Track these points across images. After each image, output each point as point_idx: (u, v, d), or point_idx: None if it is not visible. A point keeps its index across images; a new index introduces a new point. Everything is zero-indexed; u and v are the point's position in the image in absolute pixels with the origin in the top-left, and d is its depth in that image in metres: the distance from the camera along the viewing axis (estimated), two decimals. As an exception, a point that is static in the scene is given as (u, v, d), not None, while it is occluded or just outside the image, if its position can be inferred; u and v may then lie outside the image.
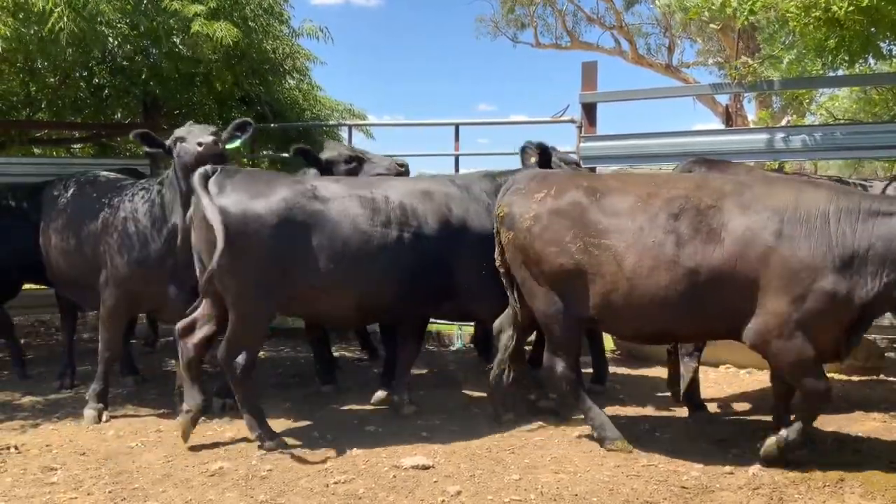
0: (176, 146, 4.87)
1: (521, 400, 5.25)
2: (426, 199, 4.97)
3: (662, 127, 16.80)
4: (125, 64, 7.80)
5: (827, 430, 4.77)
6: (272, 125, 8.94)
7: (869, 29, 5.69)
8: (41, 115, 8.93)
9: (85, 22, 5.96)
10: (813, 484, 3.90)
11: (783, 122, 13.88)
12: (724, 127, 13.42)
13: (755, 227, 3.98)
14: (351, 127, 9.41)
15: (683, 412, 5.17)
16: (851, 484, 3.89)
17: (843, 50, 5.83)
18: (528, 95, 62.35)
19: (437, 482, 3.99)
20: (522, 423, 4.99)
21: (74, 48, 6.44)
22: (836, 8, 5.35)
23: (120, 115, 9.51)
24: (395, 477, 4.07)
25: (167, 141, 4.98)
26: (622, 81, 42.93)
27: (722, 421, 5.09)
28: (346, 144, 6.29)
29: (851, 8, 5.29)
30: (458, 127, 8.25)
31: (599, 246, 4.25)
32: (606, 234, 4.24)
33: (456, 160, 8.30)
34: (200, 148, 4.71)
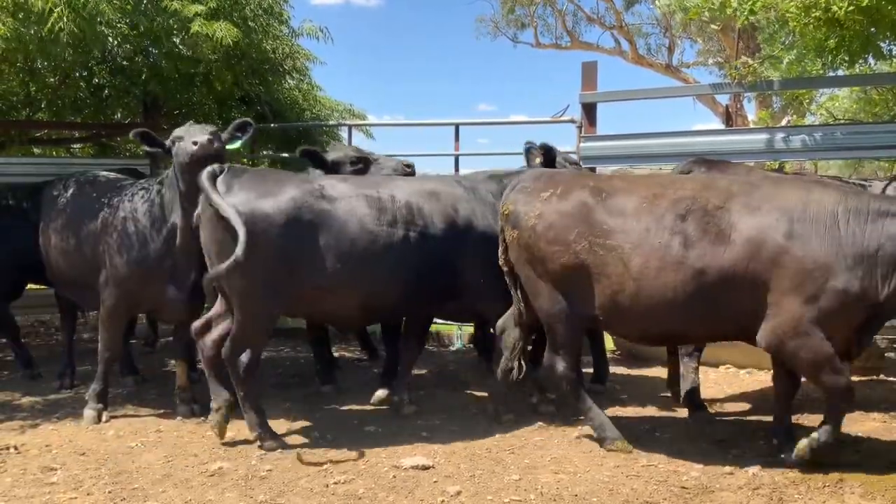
0: (174, 146, 4.87)
1: (521, 400, 5.25)
2: (432, 199, 4.96)
3: (662, 127, 16.82)
4: (125, 64, 7.80)
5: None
6: (272, 125, 8.95)
7: (869, 29, 5.69)
8: (41, 115, 8.93)
9: (85, 22, 5.96)
10: (813, 484, 3.90)
11: (783, 122, 13.88)
12: (724, 127, 13.44)
13: (765, 227, 3.96)
14: (351, 127, 9.41)
15: (683, 412, 5.17)
16: (851, 484, 3.89)
17: (843, 50, 5.83)
18: (528, 95, 62.44)
19: (436, 482, 3.99)
20: (522, 423, 4.98)
21: (74, 48, 6.43)
22: (836, 8, 5.35)
23: (120, 115, 9.50)
24: (394, 477, 4.07)
25: (167, 141, 4.98)
26: (622, 81, 42.99)
27: (722, 421, 5.08)
28: (352, 146, 6.28)
29: (851, 8, 5.29)
30: (458, 127, 8.26)
31: (605, 246, 4.24)
32: (612, 234, 4.23)
33: (456, 160, 8.31)
34: (195, 147, 4.71)
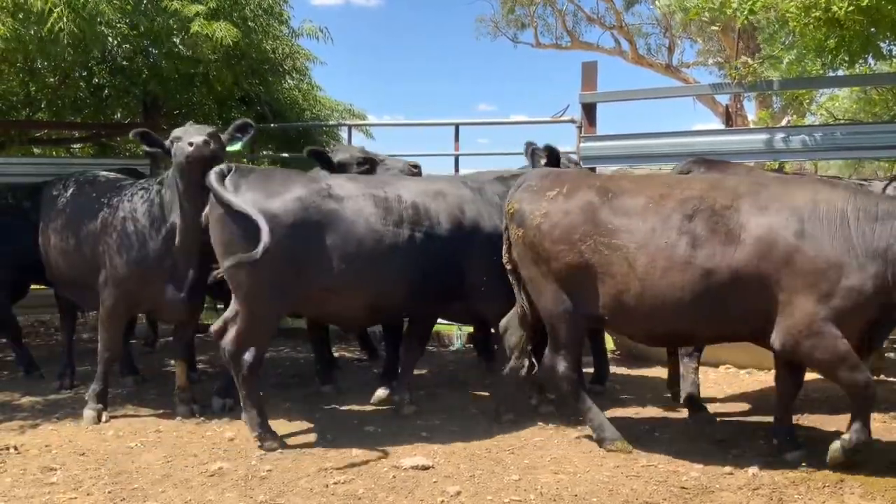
0: (173, 146, 4.87)
1: (521, 400, 5.25)
2: (439, 199, 4.96)
3: (662, 127, 16.82)
4: (125, 64, 7.80)
5: (827, 430, 4.77)
6: (272, 125, 8.95)
7: (869, 29, 5.69)
8: (41, 115, 8.93)
9: (84, 22, 5.96)
10: (813, 484, 3.90)
11: (783, 122, 13.88)
12: (724, 127, 13.43)
13: (776, 226, 3.94)
14: (351, 127, 9.42)
15: (683, 412, 5.17)
16: (851, 484, 3.89)
17: (843, 50, 5.83)
18: (528, 95, 62.36)
19: (436, 482, 3.99)
20: (522, 423, 4.98)
21: (74, 48, 6.43)
22: (836, 8, 5.35)
23: (120, 115, 9.51)
24: (394, 477, 4.07)
25: (166, 141, 4.98)
26: (622, 81, 42.96)
27: (722, 421, 5.08)
28: (358, 147, 6.29)
29: (851, 8, 5.29)
30: (457, 127, 8.27)
31: (610, 245, 4.22)
32: (618, 233, 4.21)
33: (456, 160, 8.32)
34: (191, 148, 4.69)
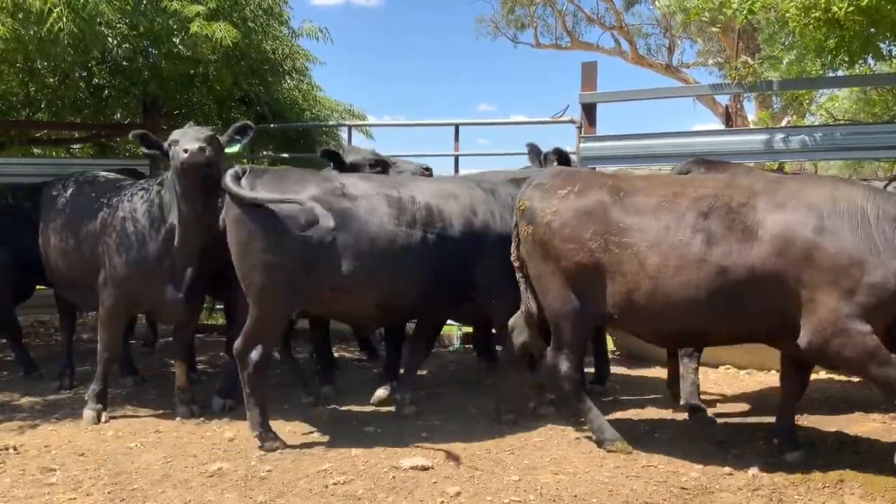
0: (171, 149, 4.85)
1: (522, 400, 5.25)
2: (452, 200, 4.95)
3: (662, 127, 16.83)
4: (125, 64, 7.78)
5: (827, 430, 4.78)
6: (272, 125, 8.95)
7: (869, 29, 5.69)
8: (41, 115, 8.93)
9: (84, 22, 5.96)
10: (812, 485, 3.90)
11: (783, 122, 13.89)
12: (724, 127, 13.43)
13: (794, 223, 3.89)
14: (350, 127, 9.41)
15: (683, 413, 5.16)
16: (851, 485, 3.89)
17: (842, 50, 5.84)
18: (528, 96, 62.41)
19: (436, 483, 3.98)
20: (522, 423, 4.98)
21: (74, 48, 6.43)
22: (835, 8, 5.35)
23: (119, 115, 9.50)
24: (394, 478, 4.06)
25: (165, 142, 4.97)
26: (622, 82, 42.97)
27: (722, 422, 5.08)
28: (369, 149, 6.29)
29: (851, 8, 5.29)
30: (457, 127, 8.27)
31: (621, 244, 4.18)
32: (629, 232, 4.17)
33: (456, 160, 8.32)
34: (185, 155, 4.66)
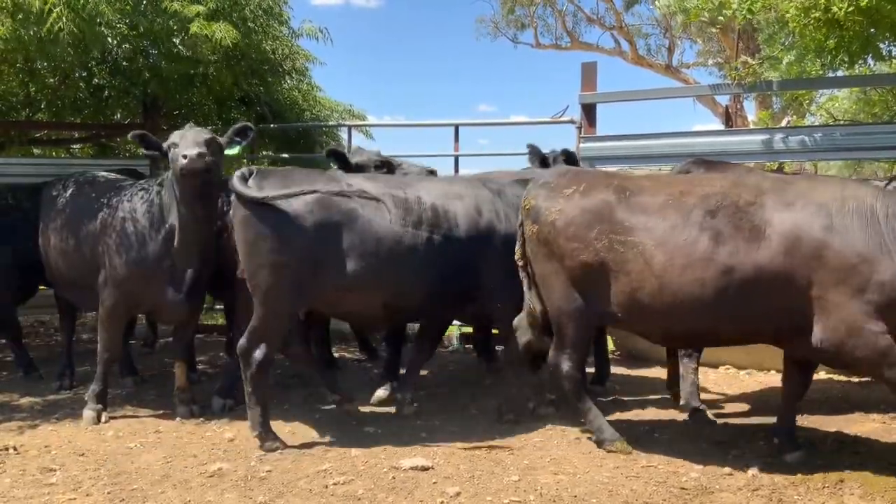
0: (170, 151, 4.84)
1: (521, 400, 5.24)
2: (458, 201, 4.94)
3: (662, 128, 16.78)
4: (125, 64, 7.80)
5: (827, 430, 4.77)
6: (272, 126, 8.95)
7: (868, 30, 5.70)
8: (41, 115, 8.93)
9: (84, 22, 5.96)
10: (812, 485, 3.90)
11: (783, 122, 13.88)
12: (723, 128, 13.44)
13: (803, 222, 3.86)
14: (350, 127, 9.40)
15: (683, 413, 5.16)
16: (851, 485, 3.88)
17: (842, 51, 5.84)
18: (528, 96, 62.30)
19: (436, 483, 3.98)
20: (522, 423, 4.98)
21: (74, 48, 6.43)
22: (835, 9, 5.36)
23: (119, 115, 9.51)
24: (394, 478, 4.06)
25: (165, 143, 4.95)
26: (622, 82, 42.91)
27: (721, 422, 5.07)
28: (375, 150, 6.30)
29: (851, 9, 5.30)
30: (457, 127, 8.27)
31: (626, 243, 4.16)
32: (634, 231, 4.15)
33: (455, 161, 8.32)
34: (184, 161, 4.65)
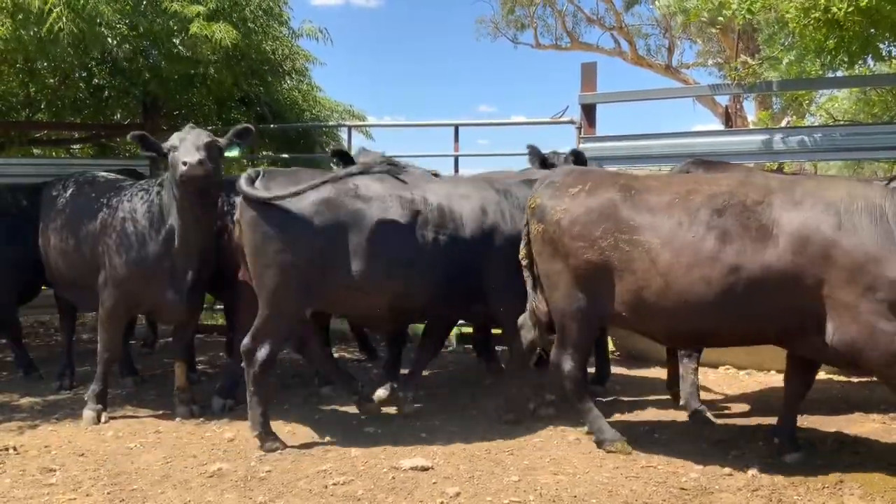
0: (170, 155, 4.84)
1: (521, 400, 5.24)
2: (464, 202, 4.94)
3: (662, 128, 16.76)
4: (125, 65, 7.79)
5: (827, 431, 4.78)
6: (272, 126, 8.95)
7: (868, 30, 5.70)
8: (41, 115, 8.93)
9: (84, 23, 5.96)
10: (812, 485, 3.90)
11: (783, 123, 13.87)
12: (723, 128, 13.44)
13: (812, 221, 3.83)
14: (350, 128, 9.40)
15: (683, 413, 5.16)
16: (850, 485, 3.89)
17: (842, 51, 5.84)
18: (528, 96, 62.23)
19: (436, 483, 3.99)
20: (522, 424, 4.98)
21: (74, 49, 6.43)
22: (835, 9, 5.36)
23: (119, 115, 9.50)
24: (394, 478, 4.07)
25: (165, 144, 4.93)
26: (622, 82, 42.89)
27: (721, 422, 5.08)
28: (379, 152, 6.31)
29: (851, 9, 5.29)
30: (457, 128, 8.26)
31: (631, 242, 4.15)
32: (640, 229, 4.14)
33: (455, 161, 8.32)
34: (184, 168, 4.64)
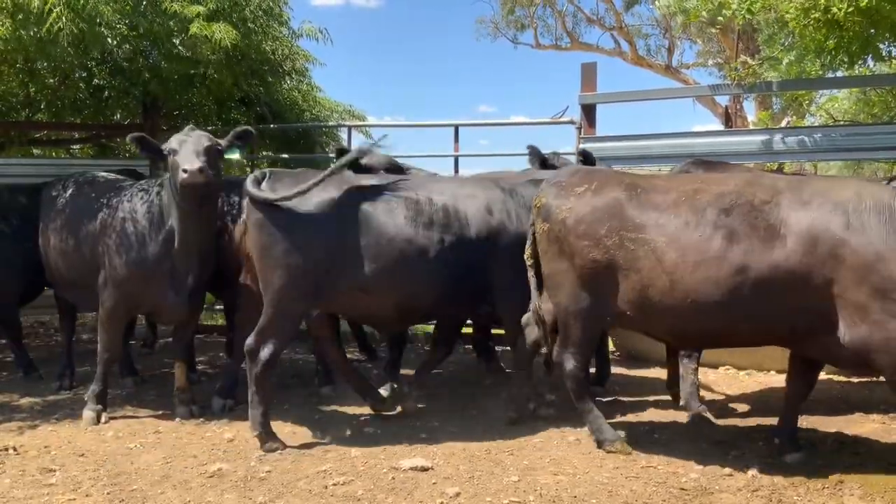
0: (170, 158, 4.83)
1: (521, 401, 5.24)
2: (469, 201, 4.93)
3: (662, 128, 16.74)
4: (125, 65, 7.79)
5: (827, 431, 4.77)
6: (272, 126, 8.95)
7: (868, 30, 5.70)
8: (41, 115, 8.93)
9: (84, 23, 5.96)
10: (812, 486, 3.90)
11: (783, 123, 13.88)
12: (723, 128, 13.44)
13: (821, 221, 3.80)
14: (350, 128, 9.39)
15: (683, 413, 5.17)
16: (850, 486, 3.89)
17: (842, 51, 5.84)
18: (528, 96, 62.24)
19: (435, 484, 3.99)
20: (522, 424, 4.98)
21: (74, 49, 6.43)
22: (835, 9, 5.36)
23: (119, 115, 9.49)
24: (393, 478, 4.07)
25: (164, 146, 4.91)
26: (622, 82, 42.89)
27: (721, 422, 5.08)
28: (385, 154, 6.30)
29: (851, 9, 5.30)
30: (457, 128, 8.26)
31: (637, 240, 4.13)
32: (645, 228, 4.12)
33: (455, 161, 8.31)
34: (185, 175, 4.63)
